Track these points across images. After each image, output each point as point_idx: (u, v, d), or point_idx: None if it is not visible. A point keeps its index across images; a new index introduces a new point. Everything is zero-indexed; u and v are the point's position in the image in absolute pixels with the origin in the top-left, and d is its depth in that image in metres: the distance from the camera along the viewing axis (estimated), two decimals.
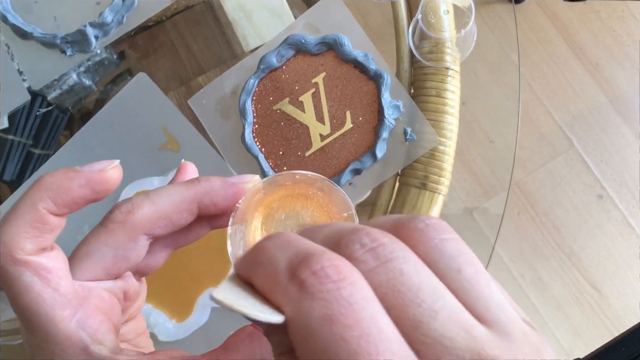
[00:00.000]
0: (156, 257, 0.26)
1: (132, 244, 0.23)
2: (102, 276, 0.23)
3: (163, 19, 0.53)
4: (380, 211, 0.47)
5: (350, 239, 0.16)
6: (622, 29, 1.25)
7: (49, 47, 0.49)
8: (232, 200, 0.25)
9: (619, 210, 1.20)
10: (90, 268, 0.22)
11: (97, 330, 0.21)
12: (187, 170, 0.28)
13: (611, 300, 1.17)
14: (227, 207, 0.25)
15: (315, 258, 0.15)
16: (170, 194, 0.24)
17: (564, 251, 1.19)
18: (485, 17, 1.22)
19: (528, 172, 1.21)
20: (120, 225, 0.23)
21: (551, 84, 1.24)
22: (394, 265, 0.15)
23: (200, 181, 0.25)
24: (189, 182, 0.25)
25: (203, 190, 0.24)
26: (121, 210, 0.23)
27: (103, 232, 0.23)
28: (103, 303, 0.22)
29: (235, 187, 0.25)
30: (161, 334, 0.46)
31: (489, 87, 1.10)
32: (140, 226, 0.23)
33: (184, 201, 0.24)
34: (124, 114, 0.48)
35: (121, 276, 0.24)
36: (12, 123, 0.51)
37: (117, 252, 0.23)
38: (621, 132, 1.22)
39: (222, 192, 0.25)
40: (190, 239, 0.26)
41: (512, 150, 0.51)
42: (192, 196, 0.24)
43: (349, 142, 0.46)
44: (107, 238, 0.23)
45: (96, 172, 0.23)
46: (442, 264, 0.16)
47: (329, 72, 0.46)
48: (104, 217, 0.23)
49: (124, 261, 0.23)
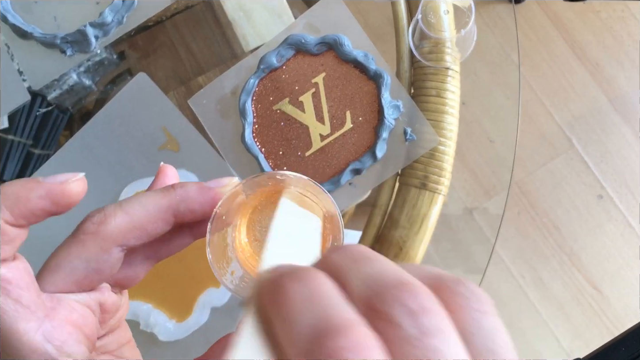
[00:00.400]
0: (136, 270, 0.25)
1: (104, 256, 0.22)
2: (73, 289, 0.22)
3: (163, 18, 0.53)
4: (380, 211, 0.47)
5: (393, 296, 0.14)
6: (622, 29, 1.25)
7: (49, 47, 0.49)
8: (210, 206, 0.24)
9: (618, 210, 1.20)
10: (60, 281, 0.22)
11: (64, 343, 0.20)
12: (167, 173, 0.27)
13: (611, 300, 1.17)
14: (205, 213, 0.24)
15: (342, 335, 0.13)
16: (144, 202, 0.23)
17: (564, 251, 1.19)
18: (485, 17, 1.22)
19: (528, 172, 1.21)
20: (92, 236, 0.22)
21: (551, 84, 1.24)
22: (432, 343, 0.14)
23: (175, 188, 0.24)
24: (163, 189, 0.24)
25: (178, 198, 0.23)
26: (93, 221, 0.22)
27: (74, 243, 0.22)
28: (73, 314, 0.21)
29: (212, 192, 0.24)
30: (161, 334, 0.46)
31: (489, 87, 1.10)
32: (113, 237, 0.22)
33: (159, 210, 0.23)
34: (124, 114, 0.48)
35: (96, 288, 0.23)
36: (12, 123, 0.51)
37: (89, 264, 0.22)
38: (621, 132, 1.22)
39: (199, 198, 0.24)
40: (172, 250, 0.26)
41: (512, 150, 0.51)
42: (167, 204, 0.23)
43: (349, 142, 0.46)
44: (78, 250, 0.22)
45: (57, 183, 0.22)
46: (478, 341, 0.15)
47: (329, 72, 0.46)
48: (76, 227, 0.22)
49: (97, 274, 0.22)
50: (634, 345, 0.42)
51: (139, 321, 0.46)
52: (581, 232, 1.19)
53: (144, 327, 0.45)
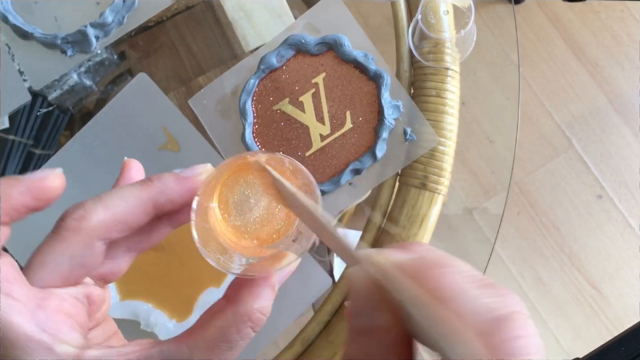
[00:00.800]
0: (119, 262, 0.25)
1: (88, 251, 0.22)
2: (59, 284, 0.22)
3: (163, 19, 0.53)
4: (380, 211, 0.47)
5: None
6: (622, 29, 1.25)
7: (49, 48, 0.49)
8: (188, 195, 0.25)
9: (618, 210, 1.20)
10: (46, 277, 0.22)
11: (59, 330, 0.21)
12: (131, 167, 0.27)
13: (611, 300, 1.17)
14: (185, 202, 0.25)
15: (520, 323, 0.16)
16: (124, 196, 0.23)
17: (564, 251, 1.19)
18: (485, 17, 1.22)
19: (528, 172, 1.21)
20: (74, 232, 0.22)
21: (551, 84, 1.24)
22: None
23: (153, 180, 0.24)
24: (142, 182, 0.24)
25: (157, 190, 0.24)
26: (73, 217, 0.22)
27: (57, 240, 0.22)
28: (64, 304, 0.22)
29: (189, 181, 0.25)
30: (161, 333, 0.46)
31: (488, 87, 1.10)
32: (95, 232, 0.22)
33: (139, 203, 0.23)
34: (124, 114, 0.48)
35: (81, 282, 0.23)
36: (12, 123, 0.51)
37: (73, 260, 0.22)
38: (621, 132, 1.22)
39: (177, 188, 0.24)
40: (153, 241, 0.26)
41: (512, 150, 0.51)
42: (147, 197, 0.24)
43: (349, 142, 0.46)
44: (61, 246, 0.22)
45: (37, 179, 0.22)
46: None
47: (329, 72, 0.46)
48: (56, 224, 0.23)
49: (82, 268, 0.23)
50: (633, 345, 0.42)
51: (139, 321, 0.46)
52: (581, 232, 1.19)
53: (145, 327, 0.46)
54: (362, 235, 0.48)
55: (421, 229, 0.45)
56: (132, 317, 0.45)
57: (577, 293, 1.17)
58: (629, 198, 1.20)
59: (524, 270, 1.18)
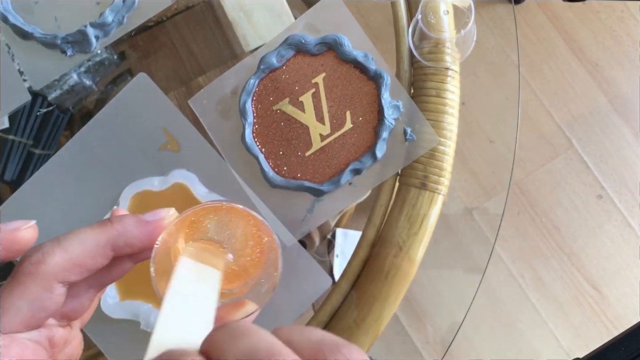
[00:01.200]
0: (81, 300, 0.25)
1: (47, 294, 0.22)
2: (21, 329, 0.22)
3: (163, 19, 0.53)
4: (380, 211, 0.47)
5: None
6: (622, 29, 1.25)
7: (49, 48, 0.49)
8: (148, 239, 0.24)
9: (618, 210, 1.20)
10: (7, 323, 0.22)
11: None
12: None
13: (611, 300, 1.17)
14: (144, 246, 0.24)
15: None
16: (82, 239, 0.23)
17: (564, 251, 1.19)
18: (485, 17, 1.22)
19: (528, 172, 1.21)
20: (31, 276, 0.22)
21: (551, 84, 1.24)
22: None
23: (113, 222, 0.24)
24: (101, 224, 0.24)
25: (116, 233, 0.24)
26: (31, 262, 0.22)
27: (15, 285, 0.22)
28: (26, 351, 0.22)
29: (150, 226, 0.24)
30: None
31: (488, 87, 1.10)
32: (53, 275, 0.22)
33: (97, 246, 0.23)
34: (124, 114, 0.48)
35: (44, 325, 0.23)
36: (12, 123, 0.51)
37: (33, 304, 0.22)
38: (621, 132, 1.22)
39: (137, 232, 0.24)
40: (114, 277, 0.26)
41: (512, 150, 0.51)
42: (105, 240, 0.23)
43: (349, 142, 0.46)
44: (20, 291, 0.22)
45: (8, 231, 0.22)
46: None
47: (329, 72, 0.46)
48: (15, 268, 0.22)
49: (42, 311, 0.22)
50: (633, 345, 0.42)
51: (139, 321, 0.46)
52: (581, 232, 1.19)
53: (144, 327, 0.46)
54: (362, 235, 0.48)
55: (421, 229, 0.45)
56: (132, 317, 0.45)
57: (577, 293, 1.17)
58: (629, 198, 1.20)
59: (524, 270, 1.18)
